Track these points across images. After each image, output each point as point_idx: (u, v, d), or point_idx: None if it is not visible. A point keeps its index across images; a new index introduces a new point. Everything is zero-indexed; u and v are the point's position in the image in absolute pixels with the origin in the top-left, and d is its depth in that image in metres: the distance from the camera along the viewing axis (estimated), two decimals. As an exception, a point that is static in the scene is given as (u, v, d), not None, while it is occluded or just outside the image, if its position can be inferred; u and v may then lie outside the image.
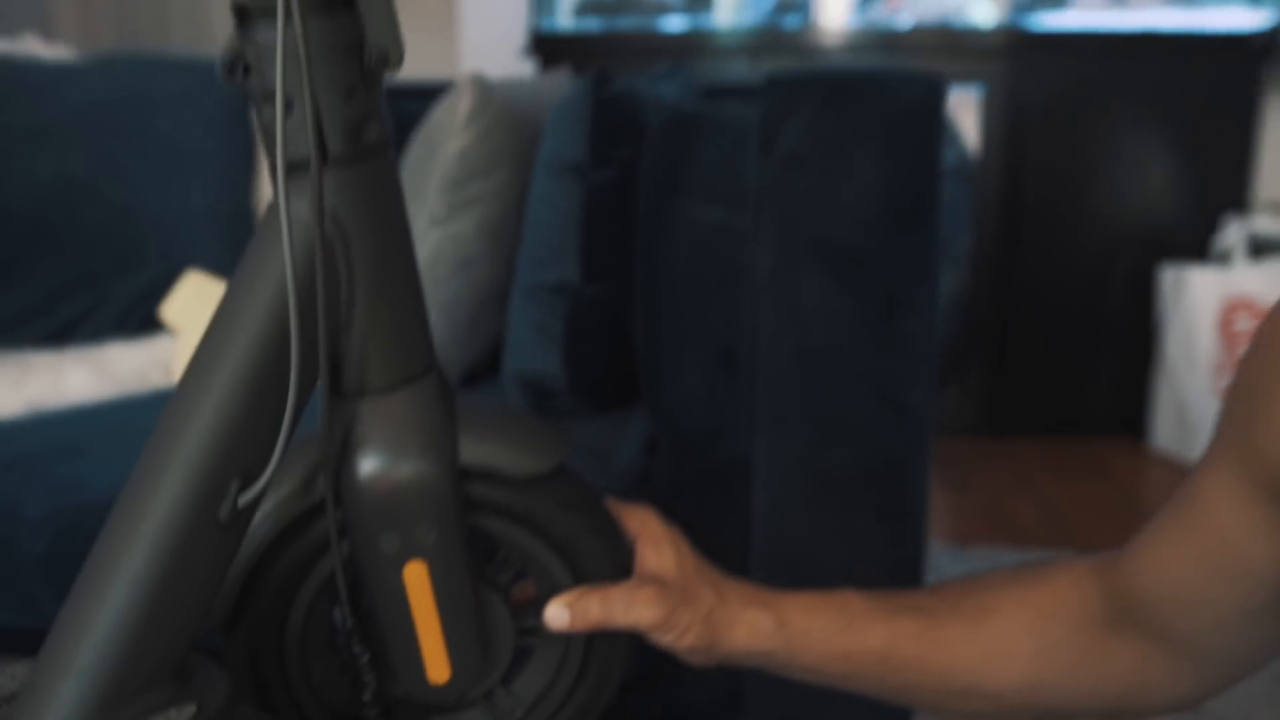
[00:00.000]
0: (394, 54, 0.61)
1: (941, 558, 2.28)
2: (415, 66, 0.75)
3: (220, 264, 1.73)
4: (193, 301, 1.66)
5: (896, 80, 1.00)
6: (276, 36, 0.57)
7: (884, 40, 2.95)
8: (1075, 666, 0.70)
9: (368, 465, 0.67)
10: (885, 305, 1.03)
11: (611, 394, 1.36)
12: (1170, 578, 0.65)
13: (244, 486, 0.61)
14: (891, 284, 1.03)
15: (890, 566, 1.11)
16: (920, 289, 1.04)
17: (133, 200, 1.76)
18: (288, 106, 0.59)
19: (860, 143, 0.99)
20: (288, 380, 0.61)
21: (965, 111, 3.06)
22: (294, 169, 0.60)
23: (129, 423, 1.36)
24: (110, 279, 1.78)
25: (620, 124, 1.29)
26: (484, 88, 1.39)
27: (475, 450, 0.70)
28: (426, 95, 1.68)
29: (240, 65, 0.60)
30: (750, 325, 1.08)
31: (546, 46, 3.12)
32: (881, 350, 1.04)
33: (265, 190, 1.82)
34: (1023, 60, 2.85)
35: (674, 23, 3.11)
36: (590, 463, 1.24)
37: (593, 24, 3.15)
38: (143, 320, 1.71)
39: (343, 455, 0.67)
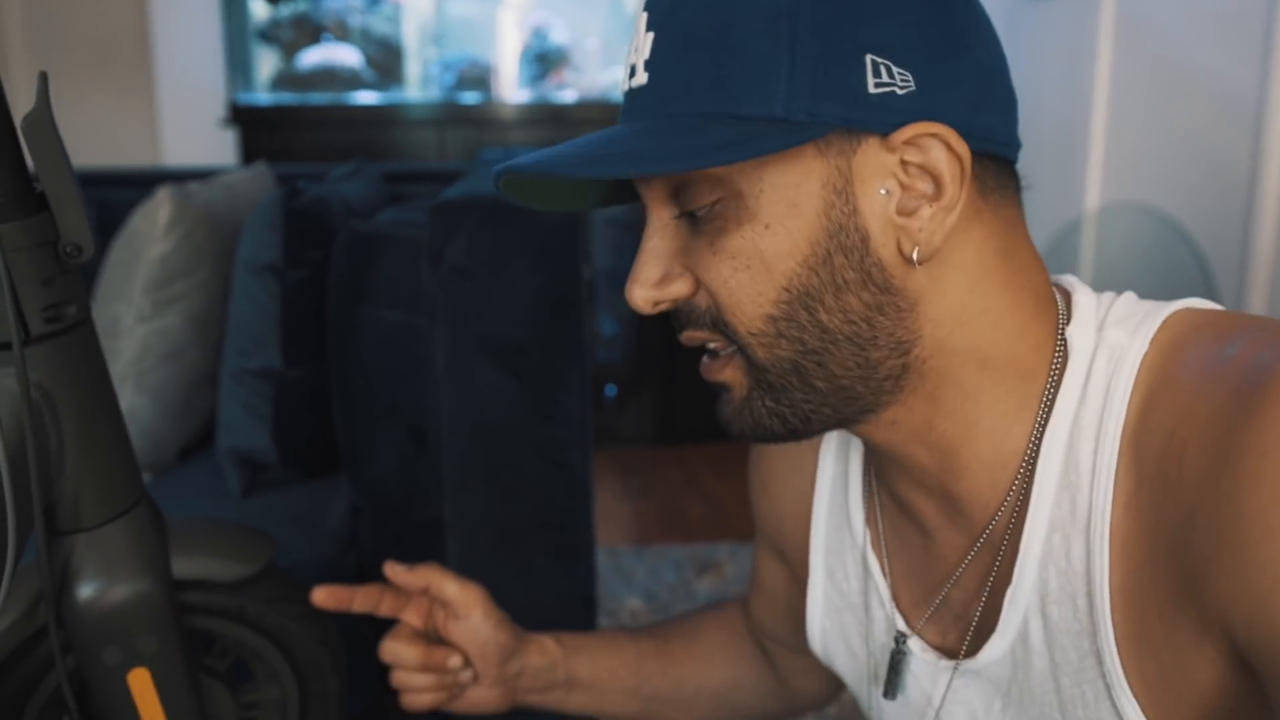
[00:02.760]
0: (86, 248, 0.64)
1: (626, 557, 2.41)
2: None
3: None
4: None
5: (540, 203, 1.11)
6: (-25, 241, 0.59)
7: (552, 113, 3.08)
8: (754, 676, 0.86)
9: (86, 591, 0.69)
10: (545, 385, 1.14)
11: (317, 464, 1.40)
12: (762, 622, 0.83)
13: (-30, 630, 0.63)
14: (549, 368, 1.14)
15: (566, 596, 1.21)
16: (573, 369, 1.15)
17: None
18: (-10, 297, 0.62)
19: (514, 256, 1.09)
20: (5, 530, 0.63)
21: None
22: (1, 349, 0.63)
23: None
24: None
25: (310, 230, 1.33)
26: (182, 196, 1.38)
27: (186, 564, 0.74)
28: (130, 183, 1.63)
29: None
30: (434, 407, 1.15)
31: (244, 117, 3.04)
32: (545, 422, 1.14)
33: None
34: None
35: (365, 97, 3.10)
36: (303, 530, 1.28)
37: (288, 97, 3.09)
38: None
39: (63, 584, 0.69)
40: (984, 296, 0.54)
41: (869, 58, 0.50)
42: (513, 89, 3.25)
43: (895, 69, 0.50)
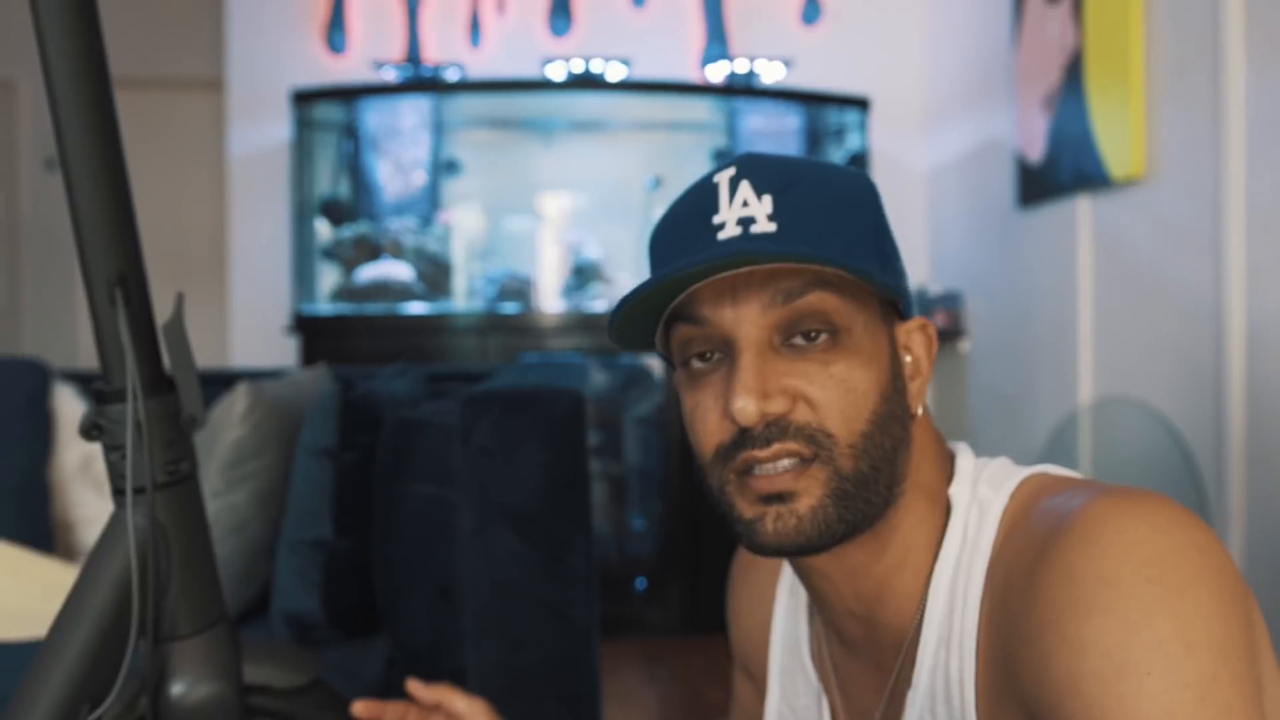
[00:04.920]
0: (199, 419, 0.89)
1: (648, 741, 2.52)
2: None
3: (17, 532, 1.85)
4: (-7, 568, 1.77)
5: (550, 394, 1.35)
6: (127, 412, 0.84)
7: (584, 321, 3.39)
8: None
9: (177, 689, 0.90)
10: (554, 548, 1.34)
11: (359, 625, 1.59)
12: None
13: (93, 708, 0.83)
14: (557, 533, 1.35)
15: (571, 740, 1.37)
16: (578, 534, 1.36)
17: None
18: (126, 454, 0.85)
19: (529, 438, 1.32)
20: (126, 634, 0.84)
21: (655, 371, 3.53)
22: (135, 492, 0.86)
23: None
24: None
25: (362, 419, 1.58)
26: (256, 390, 1.65)
27: (254, 672, 0.95)
28: (208, 382, 1.90)
29: (94, 428, 0.86)
30: (459, 568, 1.36)
31: (306, 326, 3.38)
32: (553, 581, 1.34)
33: (59, 469, 1.97)
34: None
35: (416, 307, 3.44)
36: (344, 679, 1.47)
37: (346, 308, 3.43)
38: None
39: (159, 683, 0.90)
40: (931, 448, 0.73)
41: (899, 262, 0.71)
42: (551, 300, 3.58)
43: (905, 274, 0.72)
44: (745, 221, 0.66)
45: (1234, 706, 0.53)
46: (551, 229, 3.74)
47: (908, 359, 0.71)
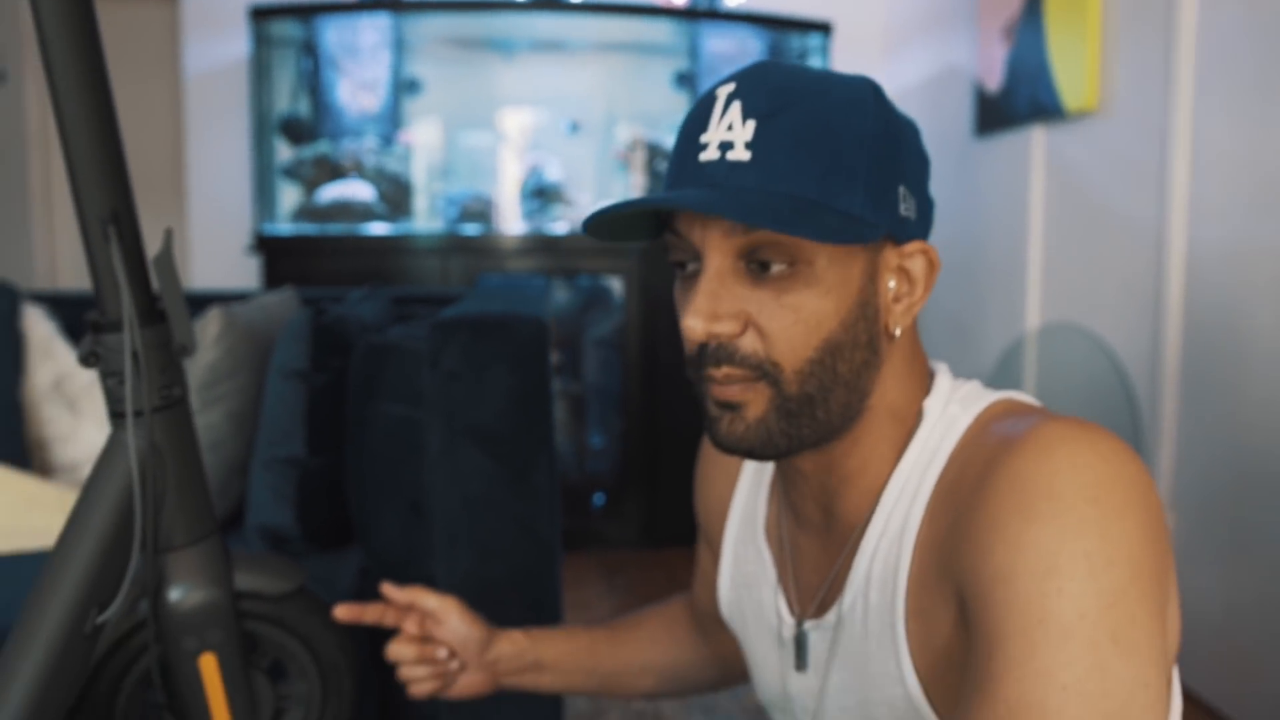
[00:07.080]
0: (190, 347, 0.96)
1: (606, 649, 2.65)
2: None
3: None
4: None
5: (517, 320, 1.43)
6: (124, 341, 0.91)
7: (545, 244, 3.44)
8: (692, 651, 1.13)
9: (175, 594, 0.99)
10: (519, 466, 1.44)
11: (331, 538, 1.69)
12: (700, 599, 1.09)
13: (101, 610, 0.92)
14: (522, 452, 1.44)
15: (534, 644, 1.48)
16: (543, 453, 1.45)
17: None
18: (123, 380, 0.93)
19: (495, 362, 1.40)
20: (129, 545, 0.93)
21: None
22: (130, 415, 0.94)
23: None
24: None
25: (332, 343, 1.65)
26: (228, 314, 1.71)
27: (244, 579, 1.04)
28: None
29: (92, 355, 0.94)
30: (429, 484, 1.45)
31: (268, 246, 3.41)
32: (518, 497, 1.44)
33: (31, 389, 2.02)
34: (651, 257, 3.43)
35: (377, 228, 3.47)
36: (320, 588, 1.56)
37: (308, 228, 3.46)
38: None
39: (158, 588, 0.99)
40: (907, 366, 0.77)
41: (900, 188, 0.71)
42: (512, 221, 3.63)
43: (911, 198, 0.72)
44: (725, 146, 0.69)
45: (1137, 617, 0.61)
46: (512, 148, 3.76)
47: (892, 284, 0.73)
